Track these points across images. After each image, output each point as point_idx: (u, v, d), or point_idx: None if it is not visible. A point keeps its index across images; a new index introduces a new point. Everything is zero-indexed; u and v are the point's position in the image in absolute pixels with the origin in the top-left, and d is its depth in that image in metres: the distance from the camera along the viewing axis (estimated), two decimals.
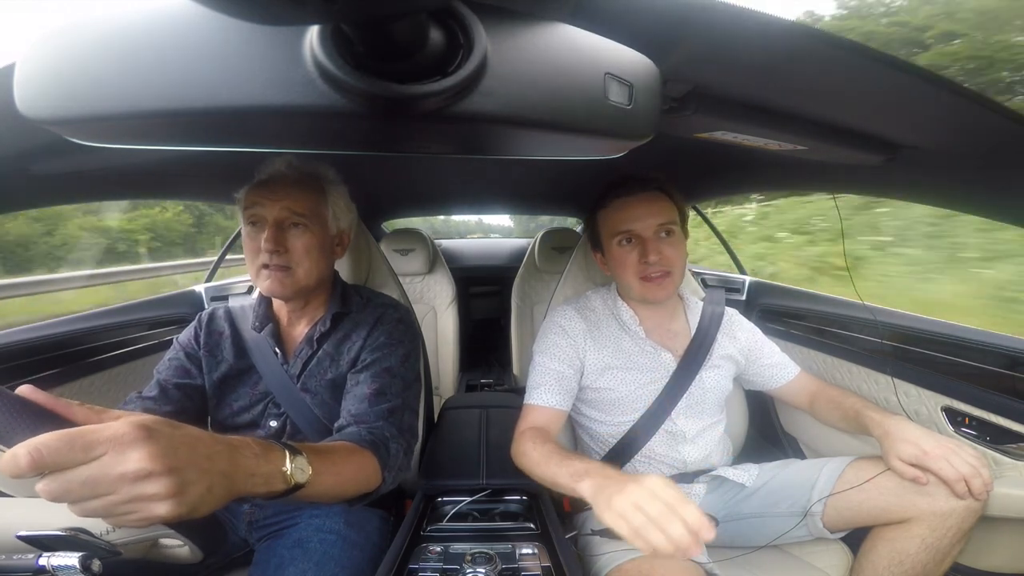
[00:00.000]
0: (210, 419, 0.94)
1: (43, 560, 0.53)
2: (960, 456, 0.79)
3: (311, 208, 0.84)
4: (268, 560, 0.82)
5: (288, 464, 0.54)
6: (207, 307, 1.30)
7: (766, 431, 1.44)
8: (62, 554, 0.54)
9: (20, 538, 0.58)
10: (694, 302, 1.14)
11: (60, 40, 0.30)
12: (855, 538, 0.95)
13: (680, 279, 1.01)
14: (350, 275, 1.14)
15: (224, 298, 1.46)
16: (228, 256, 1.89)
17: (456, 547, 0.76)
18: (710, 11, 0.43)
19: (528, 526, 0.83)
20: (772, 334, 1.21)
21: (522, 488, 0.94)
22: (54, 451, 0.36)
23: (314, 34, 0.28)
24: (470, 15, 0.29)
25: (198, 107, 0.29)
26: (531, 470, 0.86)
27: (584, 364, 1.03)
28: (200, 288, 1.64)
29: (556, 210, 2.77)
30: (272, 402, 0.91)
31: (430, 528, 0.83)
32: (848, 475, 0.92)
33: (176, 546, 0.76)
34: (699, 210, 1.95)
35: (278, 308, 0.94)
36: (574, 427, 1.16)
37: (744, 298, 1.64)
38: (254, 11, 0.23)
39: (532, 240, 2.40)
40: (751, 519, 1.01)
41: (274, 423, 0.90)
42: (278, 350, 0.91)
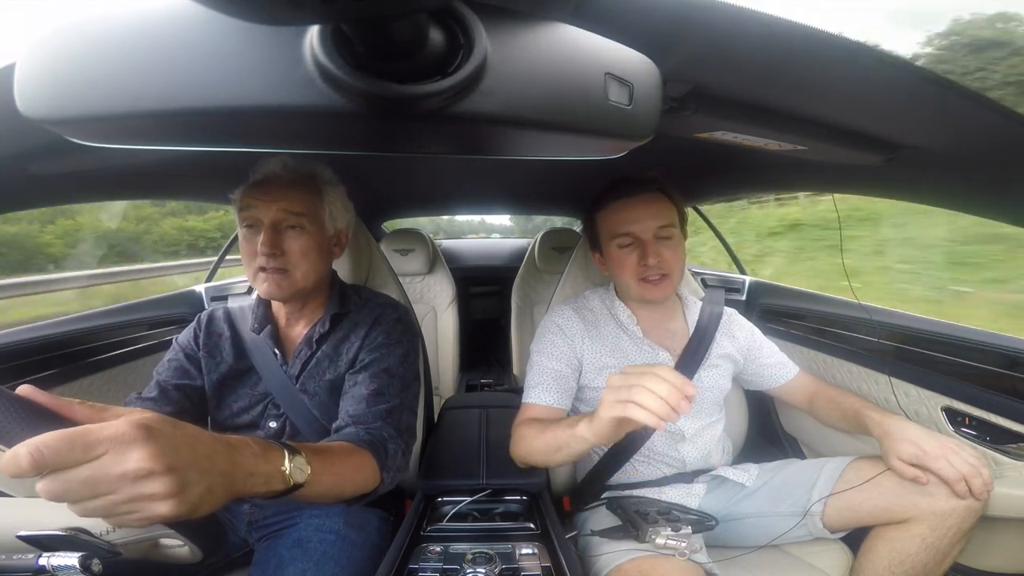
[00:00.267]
0: (210, 420, 0.94)
1: (43, 560, 0.53)
2: (960, 456, 0.79)
3: (307, 209, 0.84)
4: (268, 560, 0.82)
5: (287, 464, 0.54)
6: (207, 307, 1.30)
7: (766, 431, 1.44)
8: (62, 554, 0.54)
9: (20, 538, 0.58)
10: (693, 301, 1.13)
11: (60, 40, 0.30)
12: (855, 538, 0.95)
13: (679, 280, 1.01)
14: (350, 275, 1.13)
15: (224, 298, 1.46)
16: (228, 256, 1.89)
17: (456, 547, 0.76)
18: (710, 11, 0.43)
19: (528, 526, 0.83)
20: (772, 334, 1.21)
21: (522, 488, 0.94)
22: (54, 451, 0.36)
23: (314, 34, 0.27)
24: (470, 15, 0.29)
25: (198, 107, 0.28)
26: (530, 445, 0.86)
27: (582, 363, 1.03)
28: (200, 288, 1.64)
29: (556, 210, 2.77)
30: (272, 403, 0.91)
31: (430, 528, 0.83)
32: (848, 475, 0.92)
33: (176, 546, 0.76)
34: (699, 211, 1.95)
35: (277, 309, 0.94)
36: None
37: (744, 298, 1.64)
38: (254, 11, 0.23)
39: (532, 240, 2.40)
40: (751, 519, 1.01)
41: (273, 424, 0.90)
42: (277, 351, 0.91)
